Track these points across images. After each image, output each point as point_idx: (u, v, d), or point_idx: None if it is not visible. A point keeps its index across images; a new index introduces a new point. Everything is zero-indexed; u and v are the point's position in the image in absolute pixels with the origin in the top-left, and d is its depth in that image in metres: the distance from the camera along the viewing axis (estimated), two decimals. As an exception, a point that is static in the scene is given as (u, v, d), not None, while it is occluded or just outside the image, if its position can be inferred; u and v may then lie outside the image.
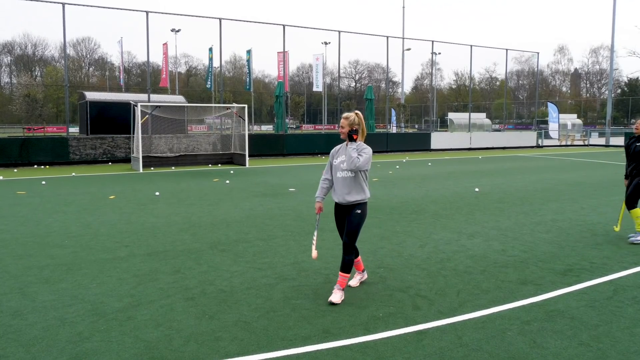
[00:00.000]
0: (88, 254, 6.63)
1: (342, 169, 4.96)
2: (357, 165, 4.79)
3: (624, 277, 5.68)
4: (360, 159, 4.81)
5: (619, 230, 7.74)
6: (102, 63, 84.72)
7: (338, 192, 5.03)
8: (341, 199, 4.98)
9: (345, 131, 4.92)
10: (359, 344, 3.99)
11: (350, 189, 4.94)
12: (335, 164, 5.08)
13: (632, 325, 4.35)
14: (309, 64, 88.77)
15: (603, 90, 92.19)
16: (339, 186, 5.00)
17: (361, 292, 5.18)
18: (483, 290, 5.26)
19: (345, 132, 4.91)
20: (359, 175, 4.94)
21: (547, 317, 4.51)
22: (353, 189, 4.95)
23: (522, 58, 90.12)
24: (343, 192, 4.96)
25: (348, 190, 4.94)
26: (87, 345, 3.94)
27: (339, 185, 5.00)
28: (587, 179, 14.99)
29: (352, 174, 4.93)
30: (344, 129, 4.93)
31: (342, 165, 4.97)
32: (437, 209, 9.98)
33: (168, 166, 19.62)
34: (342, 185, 4.97)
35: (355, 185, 4.95)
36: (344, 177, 4.95)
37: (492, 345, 3.95)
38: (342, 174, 4.97)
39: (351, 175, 4.93)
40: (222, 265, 6.12)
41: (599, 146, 36.16)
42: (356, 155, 4.81)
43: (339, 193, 5.02)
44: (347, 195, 4.94)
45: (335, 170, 5.07)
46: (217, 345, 3.96)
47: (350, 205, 4.99)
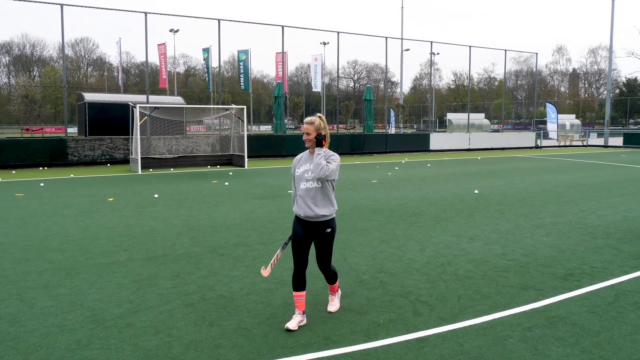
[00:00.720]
0: (87, 258, 6.60)
1: (307, 178, 4.44)
2: (326, 174, 4.32)
3: (625, 282, 5.66)
4: (329, 167, 4.35)
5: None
6: (100, 63, 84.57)
7: (302, 205, 4.46)
8: (306, 213, 4.43)
9: (312, 137, 4.41)
10: (360, 352, 3.96)
11: (315, 201, 4.42)
12: (298, 174, 4.51)
13: (634, 331, 4.33)
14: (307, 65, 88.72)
15: (602, 91, 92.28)
16: (304, 198, 4.44)
17: (362, 298, 5.16)
18: (484, 295, 5.24)
19: (312, 139, 4.41)
20: (326, 185, 4.45)
21: (548, 324, 4.49)
22: (319, 201, 4.44)
23: (520, 58, 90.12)
24: (308, 204, 4.42)
25: (314, 203, 4.42)
26: (85, 353, 3.91)
27: (304, 198, 4.45)
28: (586, 180, 14.98)
29: (318, 184, 4.42)
30: (310, 135, 4.40)
31: (306, 174, 4.45)
32: (437, 211, 9.96)
33: (167, 167, 19.58)
34: (307, 197, 4.43)
35: (321, 197, 4.45)
36: (308, 187, 4.43)
37: (494, 353, 3.93)
38: (306, 184, 4.44)
39: (317, 185, 4.42)
40: (222, 270, 6.09)
41: (598, 147, 36.18)
42: (325, 163, 4.34)
43: (303, 206, 4.45)
44: (316, 209, 4.41)
45: (298, 181, 4.51)
46: (217, 352, 3.94)
47: (317, 222, 4.46)
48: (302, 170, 4.49)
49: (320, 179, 4.37)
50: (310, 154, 4.51)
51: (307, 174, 4.46)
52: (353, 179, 15.39)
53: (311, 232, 4.52)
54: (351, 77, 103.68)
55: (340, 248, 7.12)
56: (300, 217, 4.52)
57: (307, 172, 4.46)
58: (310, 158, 4.48)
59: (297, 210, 4.54)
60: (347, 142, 27.31)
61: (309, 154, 4.52)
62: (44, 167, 19.11)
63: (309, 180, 4.45)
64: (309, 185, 4.44)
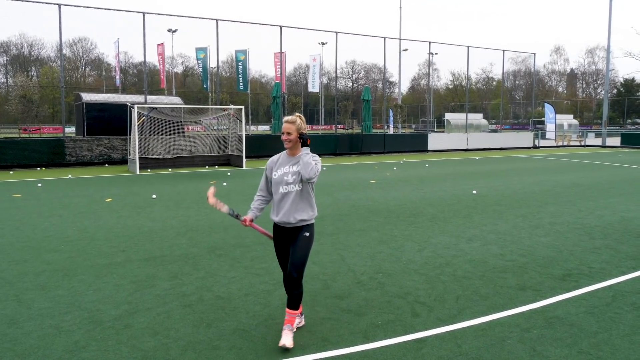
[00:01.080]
0: (84, 259, 6.59)
1: (287, 182, 4.14)
2: (316, 174, 4.10)
3: (622, 282, 5.66)
4: (318, 167, 4.13)
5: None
6: (98, 63, 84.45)
7: (281, 212, 4.17)
8: (286, 219, 4.15)
9: (293, 137, 4.14)
10: (358, 353, 3.96)
11: (296, 205, 4.15)
12: (275, 177, 4.20)
13: (632, 332, 4.33)
14: (305, 65, 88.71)
15: (599, 91, 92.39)
16: (283, 204, 4.16)
17: (360, 299, 5.15)
18: (482, 296, 5.24)
19: (294, 138, 4.15)
20: (306, 188, 4.19)
21: (546, 324, 4.50)
22: (300, 205, 4.17)
23: (518, 58, 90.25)
24: (288, 210, 4.14)
25: (294, 208, 4.14)
26: (83, 354, 3.91)
27: (283, 203, 4.16)
28: (584, 180, 15.00)
29: (299, 187, 4.15)
30: (292, 135, 4.14)
31: (286, 178, 4.14)
32: (435, 211, 9.97)
33: (165, 168, 19.55)
34: (286, 202, 4.15)
35: (302, 201, 4.18)
36: (288, 192, 4.14)
37: (492, 354, 3.93)
38: (286, 188, 4.15)
39: (298, 188, 4.15)
40: (220, 271, 6.08)
41: (596, 147, 36.23)
42: (314, 163, 4.11)
43: (282, 212, 4.16)
44: (294, 214, 4.14)
45: (276, 186, 4.20)
46: (215, 354, 3.93)
47: (297, 227, 4.20)
48: (281, 173, 4.18)
49: (309, 180, 4.09)
50: (288, 155, 4.24)
51: (287, 177, 4.16)
52: (351, 180, 15.39)
53: (289, 238, 4.25)
54: (349, 77, 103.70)
55: (339, 249, 7.12)
56: (279, 225, 4.25)
57: (286, 175, 4.16)
58: (290, 160, 4.22)
59: (274, 218, 4.24)
60: (346, 143, 27.31)
61: (287, 156, 4.24)
62: (41, 168, 19.07)
63: (289, 184, 4.15)
64: (289, 189, 4.15)
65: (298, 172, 4.13)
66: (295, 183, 4.14)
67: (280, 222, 4.20)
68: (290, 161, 4.22)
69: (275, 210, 4.25)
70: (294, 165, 4.16)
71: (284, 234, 4.26)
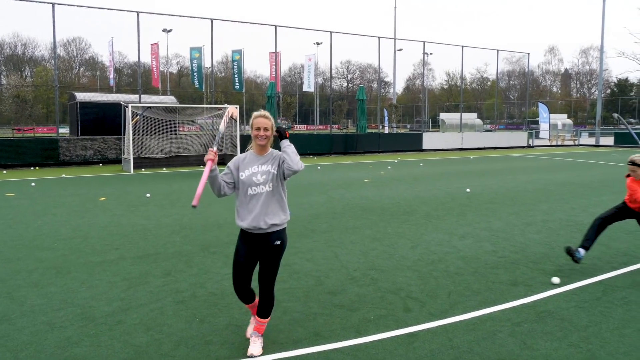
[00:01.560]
0: (78, 257, 6.58)
1: (257, 182, 3.79)
2: (301, 166, 3.81)
3: (613, 278, 5.71)
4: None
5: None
6: (92, 63, 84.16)
7: (250, 216, 3.79)
8: (256, 224, 3.78)
9: (270, 133, 3.85)
10: (351, 347, 3.98)
11: (267, 208, 3.81)
12: (243, 178, 3.82)
13: (621, 326, 4.38)
14: (300, 64, 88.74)
15: (593, 91, 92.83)
16: (251, 207, 3.80)
17: (353, 295, 5.18)
18: (474, 291, 5.27)
19: (271, 134, 3.87)
20: (278, 189, 3.87)
21: (537, 318, 4.53)
22: (270, 207, 3.83)
23: (512, 58, 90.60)
24: (258, 214, 3.78)
25: (264, 211, 3.80)
26: (76, 350, 3.91)
27: (251, 206, 3.80)
28: (577, 179, 15.08)
29: (269, 188, 3.82)
30: (269, 130, 3.83)
31: (255, 178, 3.80)
32: (429, 209, 10.00)
33: (159, 167, 19.53)
34: (255, 204, 3.79)
35: (273, 203, 3.84)
36: (257, 193, 3.80)
37: (483, 347, 3.96)
38: (255, 189, 3.79)
39: (269, 189, 3.82)
40: (213, 268, 6.09)
41: (589, 146, 36.39)
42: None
43: (252, 216, 3.79)
44: (266, 217, 3.80)
45: (244, 187, 3.82)
46: (208, 349, 3.94)
47: (265, 234, 3.84)
48: (249, 174, 3.82)
49: (297, 171, 3.79)
50: (256, 154, 3.89)
51: (255, 177, 3.81)
52: (346, 178, 15.42)
53: (257, 247, 3.88)
54: (344, 77, 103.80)
55: (332, 246, 7.14)
56: (247, 231, 3.86)
57: (255, 176, 3.81)
58: (258, 159, 3.86)
59: (242, 223, 3.84)
60: (341, 142, 27.33)
61: (255, 155, 3.89)
62: (35, 167, 19.01)
63: (258, 184, 3.80)
64: (258, 190, 3.80)
65: (268, 172, 3.82)
66: (265, 183, 3.81)
67: (250, 227, 3.81)
68: (258, 160, 3.86)
69: (241, 215, 3.85)
70: (263, 165, 3.84)
71: (252, 241, 3.86)
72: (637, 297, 5.09)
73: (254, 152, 3.91)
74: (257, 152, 3.90)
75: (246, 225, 3.82)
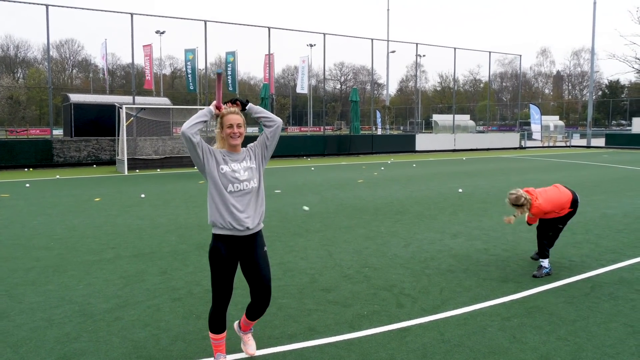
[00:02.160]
0: (74, 256, 6.64)
1: (240, 179, 3.40)
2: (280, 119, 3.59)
3: (601, 274, 5.84)
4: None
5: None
6: (85, 65, 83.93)
7: (234, 217, 3.37)
8: (240, 224, 3.39)
9: (243, 131, 3.50)
10: (344, 341, 4.08)
11: (253, 206, 3.47)
12: (225, 172, 3.40)
13: (608, 320, 4.50)
14: (294, 66, 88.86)
15: (584, 92, 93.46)
16: (233, 207, 3.38)
17: (346, 292, 5.27)
18: (465, 288, 5.38)
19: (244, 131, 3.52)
20: (262, 183, 3.55)
21: (526, 313, 4.65)
22: (254, 207, 3.48)
23: (505, 60, 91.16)
24: (241, 215, 3.39)
25: (248, 211, 3.44)
26: (75, 345, 3.99)
27: (233, 205, 3.38)
28: (568, 179, 15.24)
29: (255, 184, 3.47)
30: (241, 127, 3.48)
31: (237, 175, 3.41)
32: (421, 209, 10.12)
33: (153, 168, 19.55)
34: (238, 203, 3.39)
35: (259, 200, 3.52)
36: (242, 190, 3.42)
37: (473, 341, 4.07)
38: (238, 186, 3.39)
39: (254, 185, 3.47)
40: (209, 266, 6.15)
41: (581, 147, 36.69)
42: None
43: (235, 217, 3.37)
44: (250, 220, 3.43)
45: (224, 184, 3.38)
46: (205, 343, 4.03)
47: (253, 235, 3.51)
48: (229, 170, 3.41)
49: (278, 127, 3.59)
50: (230, 151, 3.51)
51: (238, 174, 3.42)
52: (339, 179, 15.52)
53: (238, 252, 3.51)
54: (337, 79, 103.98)
55: (326, 245, 7.23)
56: (230, 236, 3.44)
57: (238, 172, 3.42)
58: (235, 156, 3.49)
59: (223, 224, 3.39)
60: (334, 143, 27.44)
61: (229, 152, 3.50)
62: (29, 169, 19.00)
63: (242, 181, 3.41)
64: (242, 187, 3.41)
65: (251, 168, 3.48)
66: (250, 179, 3.44)
67: (232, 231, 3.41)
68: (236, 158, 3.49)
69: (221, 215, 3.38)
70: (243, 161, 3.48)
71: (235, 245, 3.46)
72: (623, 292, 5.21)
73: (227, 150, 3.51)
74: (230, 150, 3.51)
75: (228, 228, 3.40)
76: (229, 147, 3.50)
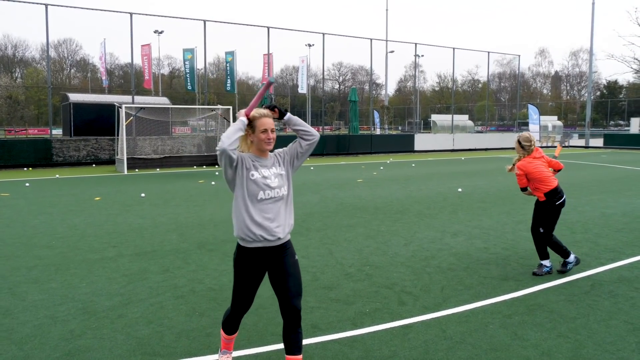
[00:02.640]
0: (76, 254, 6.66)
1: (271, 186, 3.18)
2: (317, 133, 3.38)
3: (601, 273, 5.88)
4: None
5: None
6: (83, 65, 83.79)
7: (264, 228, 3.15)
8: (274, 235, 3.18)
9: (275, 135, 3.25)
10: (347, 338, 4.11)
11: (284, 215, 3.27)
12: (256, 178, 3.17)
13: (608, 317, 4.53)
14: (292, 66, 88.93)
15: (583, 93, 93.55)
16: (269, 215, 3.17)
17: (348, 290, 5.30)
18: (466, 286, 5.41)
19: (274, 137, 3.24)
20: (290, 190, 3.33)
21: (527, 311, 4.68)
22: (284, 216, 3.27)
23: (503, 60, 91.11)
24: (273, 223, 3.19)
25: (280, 220, 3.23)
26: (79, 342, 4.01)
27: (269, 214, 3.18)
28: (566, 179, 15.28)
29: (285, 192, 3.26)
30: (274, 132, 3.25)
31: (269, 181, 3.18)
32: (421, 208, 10.15)
33: (153, 168, 19.57)
34: (272, 212, 3.19)
35: (288, 208, 3.31)
36: (273, 198, 3.20)
37: (475, 338, 4.10)
38: (269, 193, 3.17)
39: (284, 192, 3.26)
40: (210, 264, 6.20)
41: (579, 147, 36.78)
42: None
43: (266, 228, 3.16)
44: (284, 227, 3.25)
45: (255, 191, 3.16)
46: (209, 340, 4.05)
47: (282, 245, 3.28)
48: (260, 176, 3.18)
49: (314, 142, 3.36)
50: (258, 156, 3.25)
51: (269, 180, 3.20)
52: (339, 179, 15.55)
53: (267, 263, 3.27)
54: (336, 79, 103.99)
55: (327, 243, 7.26)
56: (258, 248, 3.21)
57: (269, 179, 3.20)
58: (263, 161, 3.25)
59: (254, 237, 3.16)
60: (333, 143, 27.48)
61: (257, 157, 3.25)
62: (28, 168, 18.99)
63: (273, 188, 3.20)
64: (274, 194, 3.20)
65: (281, 175, 3.27)
66: (280, 186, 3.24)
67: (262, 242, 3.19)
68: (265, 164, 3.25)
69: (250, 229, 3.15)
70: (272, 167, 3.25)
71: (264, 256, 3.24)
72: (623, 290, 5.25)
73: (255, 154, 3.27)
74: (258, 154, 3.27)
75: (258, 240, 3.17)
76: (257, 152, 3.26)
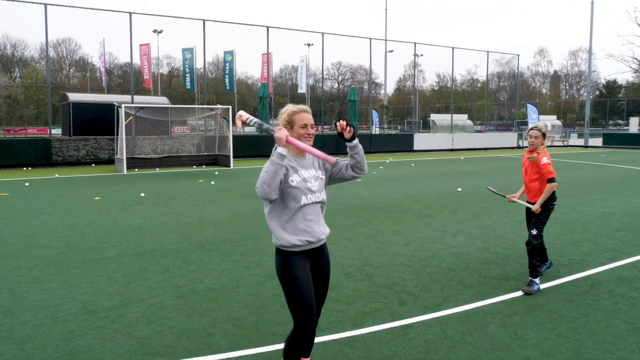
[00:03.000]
0: (76, 254, 6.66)
1: (312, 189, 3.05)
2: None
3: (601, 272, 5.88)
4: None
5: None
6: (82, 64, 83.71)
7: (310, 233, 3.05)
8: (318, 236, 3.09)
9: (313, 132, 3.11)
10: (348, 338, 4.11)
11: (321, 216, 3.18)
12: (297, 182, 3.01)
13: (608, 317, 4.54)
14: (292, 66, 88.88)
15: (582, 92, 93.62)
16: (308, 218, 3.05)
17: (348, 289, 5.31)
18: (466, 285, 5.42)
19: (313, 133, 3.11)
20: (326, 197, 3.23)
21: (527, 311, 4.69)
22: (321, 215, 3.19)
23: (502, 60, 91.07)
24: (317, 224, 3.11)
25: (322, 221, 3.18)
26: (80, 342, 4.01)
27: (312, 217, 3.07)
28: (566, 178, 15.30)
29: (324, 196, 3.15)
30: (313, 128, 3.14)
31: (310, 184, 3.04)
32: (421, 208, 10.16)
33: (152, 167, 19.56)
34: (314, 215, 3.08)
35: (322, 214, 3.23)
36: (314, 202, 3.08)
37: (475, 338, 4.11)
38: (311, 198, 3.04)
39: (324, 197, 3.15)
40: (211, 264, 6.20)
41: (578, 147, 36.81)
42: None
43: (312, 232, 3.06)
44: (323, 228, 3.17)
45: (297, 197, 3.00)
46: (209, 340, 4.06)
47: (322, 246, 3.21)
48: (300, 179, 3.03)
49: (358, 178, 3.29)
50: (295, 155, 3.09)
51: (310, 183, 3.05)
52: (338, 178, 15.53)
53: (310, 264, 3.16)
54: (335, 79, 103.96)
55: (327, 243, 7.25)
56: (306, 250, 3.09)
57: (309, 182, 3.06)
58: (302, 161, 3.09)
59: (299, 244, 3.04)
60: (332, 143, 27.47)
61: (295, 156, 3.08)
62: (27, 168, 18.98)
63: (314, 192, 3.06)
64: (315, 199, 3.07)
65: (321, 179, 3.13)
66: (320, 190, 3.10)
67: (312, 240, 3.07)
68: (304, 164, 3.10)
69: (292, 228, 3.02)
70: (311, 169, 3.11)
71: (308, 256, 3.13)
72: (623, 290, 5.26)
73: (292, 152, 3.09)
74: (295, 153, 3.10)
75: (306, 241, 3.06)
76: (295, 150, 3.08)
